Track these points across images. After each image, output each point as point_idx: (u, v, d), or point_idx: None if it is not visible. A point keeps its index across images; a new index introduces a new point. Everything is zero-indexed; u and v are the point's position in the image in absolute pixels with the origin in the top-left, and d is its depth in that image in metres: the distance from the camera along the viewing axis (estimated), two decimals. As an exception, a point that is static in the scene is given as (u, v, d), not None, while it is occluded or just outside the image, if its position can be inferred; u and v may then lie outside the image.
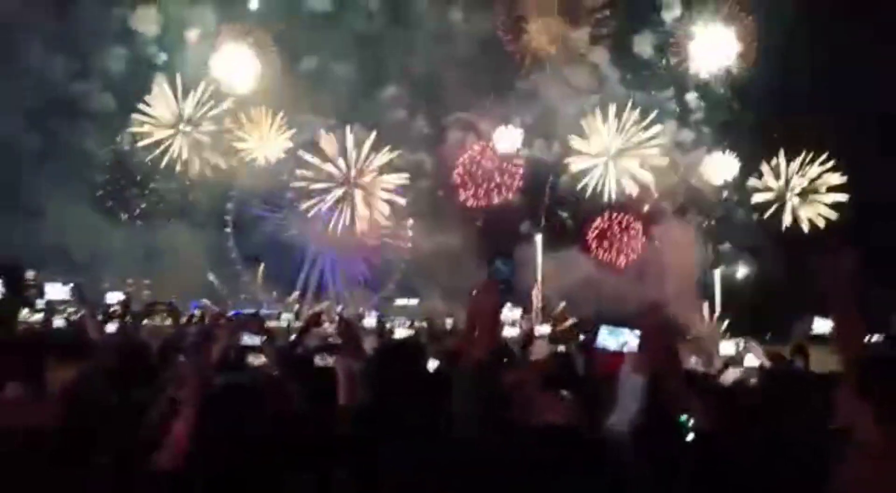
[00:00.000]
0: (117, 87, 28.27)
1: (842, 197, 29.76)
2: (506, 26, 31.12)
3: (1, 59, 25.25)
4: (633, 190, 29.81)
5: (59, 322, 5.34)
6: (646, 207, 30.44)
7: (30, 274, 5.77)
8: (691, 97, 31.71)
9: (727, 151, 30.32)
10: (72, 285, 4.71)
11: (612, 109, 29.65)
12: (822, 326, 5.32)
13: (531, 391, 4.11)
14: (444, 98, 30.72)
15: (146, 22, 28.77)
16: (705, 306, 27.60)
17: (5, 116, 24.54)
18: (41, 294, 4.86)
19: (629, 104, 29.65)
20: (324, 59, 30.17)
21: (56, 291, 4.78)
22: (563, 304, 24.73)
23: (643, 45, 31.40)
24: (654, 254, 27.93)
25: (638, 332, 3.60)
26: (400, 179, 30.25)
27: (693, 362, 8.86)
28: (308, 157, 29.66)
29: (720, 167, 30.29)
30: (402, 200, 30.40)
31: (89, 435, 2.90)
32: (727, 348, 6.60)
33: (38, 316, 4.98)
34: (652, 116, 29.80)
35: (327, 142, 29.89)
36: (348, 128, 29.59)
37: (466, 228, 30.95)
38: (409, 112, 31.68)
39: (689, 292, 25.09)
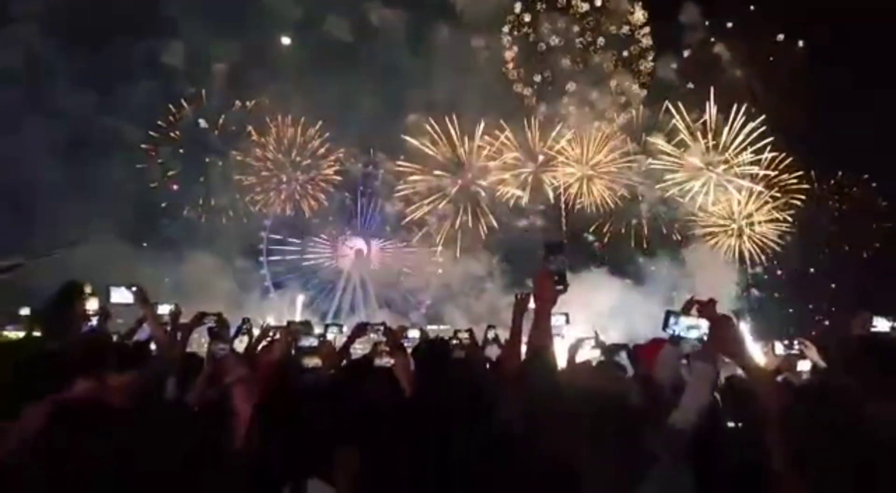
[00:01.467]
0: (145, 119, 29.01)
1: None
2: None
3: (30, 96, 26.04)
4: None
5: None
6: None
7: (88, 289, 5.77)
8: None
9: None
10: (135, 288, 4.66)
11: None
12: (883, 324, 4.84)
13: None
14: (465, 124, 31.03)
15: (173, 56, 29.61)
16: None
17: (36, 151, 25.22)
18: (104, 310, 4.85)
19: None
20: (347, 89, 30.68)
21: (120, 295, 4.80)
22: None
23: (666, 67, 31.46)
24: (684, 276, 27.40)
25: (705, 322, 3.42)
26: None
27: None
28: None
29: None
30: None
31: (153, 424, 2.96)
32: (776, 348, 6.09)
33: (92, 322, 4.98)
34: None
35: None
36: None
37: (489, 254, 30.92)
38: (430, 139, 31.98)
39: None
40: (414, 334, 6.33)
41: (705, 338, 3.38)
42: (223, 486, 2.89)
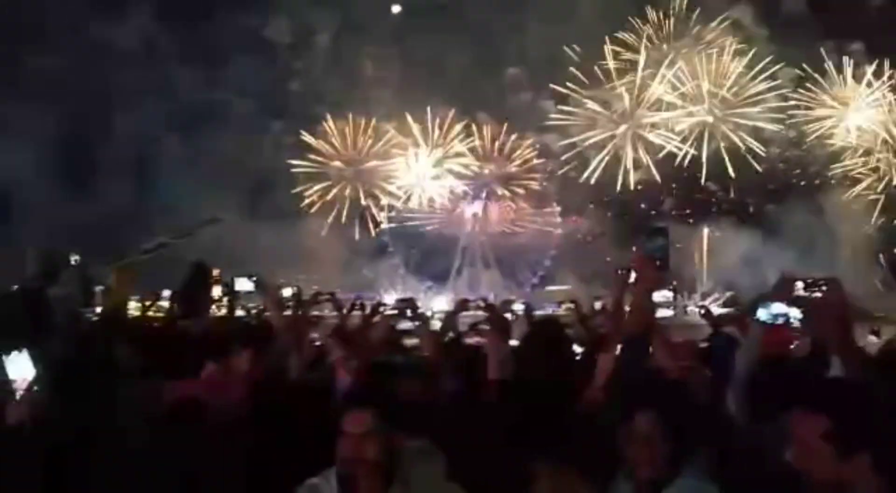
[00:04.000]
0: (255, 93, 29.77)
1: None
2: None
3: (144, 75, 27.81)
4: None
5: (240, 312, 5.89)
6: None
7: (215, 271, 6.47)
8: (855, 48, 27.69)
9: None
10: (255, 278, 5.22)
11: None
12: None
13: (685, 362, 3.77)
14: (567, 76, 29.77)
15: (279, 31, 30.44)
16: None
17: (154, 126, 27.27)
18: (230, 289, 5.45)
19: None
20: (442, 49, 30.29)
21: (242, 284, 5.43)
22: (728, 293, 23.14)
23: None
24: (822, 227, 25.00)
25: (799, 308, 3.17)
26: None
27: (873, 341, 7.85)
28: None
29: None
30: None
31: (276, 409, 3.28)
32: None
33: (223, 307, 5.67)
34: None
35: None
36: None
37: (601, 210, 30.00)
38: (532, 94, 30.99)
39: (863, 266, 22.36)
40: (519, 307, 6.25)
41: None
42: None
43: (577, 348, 4.65)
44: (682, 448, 2.25)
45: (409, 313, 4.95)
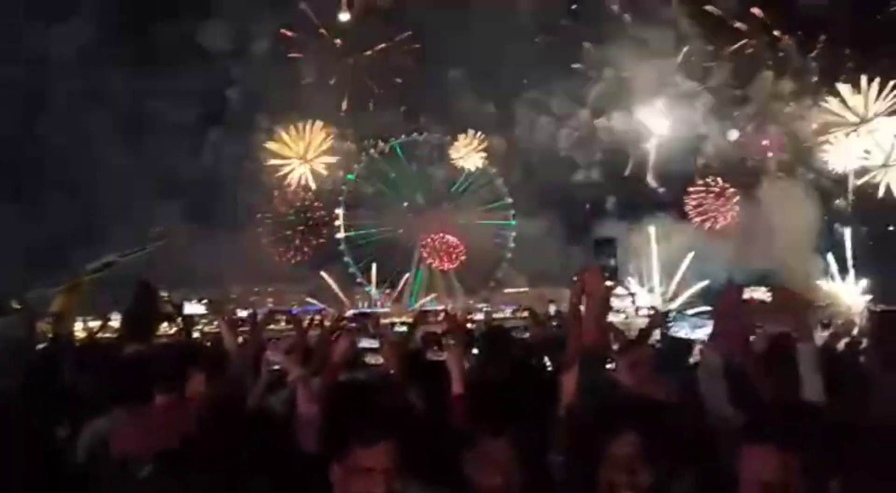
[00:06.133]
0: (196, 102, 29.01)
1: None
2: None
3: (85, 85, 26.68)
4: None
5: (195, 335, 5.68)
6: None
7: (163, 293, 6.14)
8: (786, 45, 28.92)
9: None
10: (206, 301, 5.09)
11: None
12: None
13: (643, 373, 3.79)
14: (509, 78, 29.97)
15: (215, 38, 29.53)
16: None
17: (100, 136, 26.08)
18: (178, 310, 5.14)
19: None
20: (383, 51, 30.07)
21: (192, 307, 5.15)
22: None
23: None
24: (758, 216, 25.88)
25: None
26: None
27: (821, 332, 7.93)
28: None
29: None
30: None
31: (233, 436, 3.09)
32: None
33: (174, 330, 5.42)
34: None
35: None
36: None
37: (546, 210, 30.42)
38: (475, 96, 31.09)
39: (802, 251, 23.36)
40: (479, 316, 6.30)
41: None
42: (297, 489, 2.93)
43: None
44: (667, 472, 2.09)
45: (370, 328, 4.87)
